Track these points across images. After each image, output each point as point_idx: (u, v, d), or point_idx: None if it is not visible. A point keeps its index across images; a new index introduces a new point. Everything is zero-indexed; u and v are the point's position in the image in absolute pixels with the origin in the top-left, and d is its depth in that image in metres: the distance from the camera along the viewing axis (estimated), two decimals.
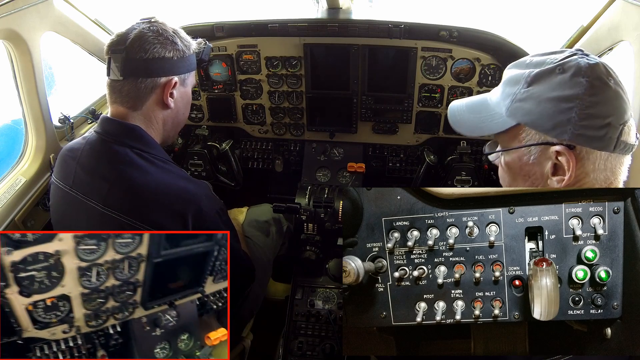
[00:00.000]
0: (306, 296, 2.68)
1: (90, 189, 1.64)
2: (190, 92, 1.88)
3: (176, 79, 1.73)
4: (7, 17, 1.89)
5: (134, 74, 1.65)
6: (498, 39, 2.45)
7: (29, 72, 2.11)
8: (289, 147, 3.05)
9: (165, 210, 1.60)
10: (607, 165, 1.11)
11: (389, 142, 2.90)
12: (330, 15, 2.65)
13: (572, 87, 1.07)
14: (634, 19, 1.79)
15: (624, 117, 1.08)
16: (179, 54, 1.72)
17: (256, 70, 2.75)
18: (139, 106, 1.70)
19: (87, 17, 2.47)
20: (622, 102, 1.08)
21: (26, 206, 2.17)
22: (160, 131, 1.80)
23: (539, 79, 1.12)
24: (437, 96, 2.66)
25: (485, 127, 1.25)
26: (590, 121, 1.06)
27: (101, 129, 1.71)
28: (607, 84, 1.07)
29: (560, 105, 1.08)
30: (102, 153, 1.67)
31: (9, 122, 2.61)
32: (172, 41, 1.70)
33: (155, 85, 1.69)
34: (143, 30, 1.66)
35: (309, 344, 2.50)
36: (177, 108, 1.80)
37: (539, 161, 1.15)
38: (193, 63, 1.82)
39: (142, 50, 1.64)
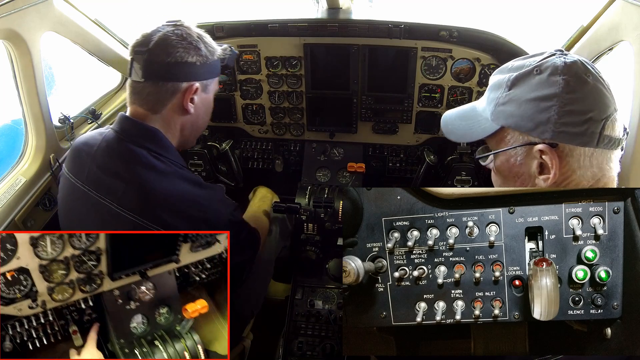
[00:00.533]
0: (306, 296, 2.68)
1: (104, 187, 1.63)
2: (211, 98, 1.86)
3: (197, 85, 1.71)
4: (7, 17, 1.89)
5: (155, 77, 1.64)
6: (498, 39, 2.45)
7: (29, 72, 2.11)
8: (289, 147, 3.06)
9: (179, 215, 1.60)
10: (593, 162, 1.12)
11: (389, 142, 2.90)
12: (330, 15, 2.65)
13: (549, 86, 1.10)
14: (634, 19, 1.79)
15: (606, 112, 1.09)
16: (202, 59, 1.70)
17: (256, 70, 2.75)
18: (158, 109, 1.69)
19: (87, 17, 2.47)
20: (602, 97, 1.10)
21: (26, 206, 2.17)
22: (178, 136, 1.78)
23: (518, 82, 1.15)
24: (437, 96, 2.66)
25: (474, 133, 1.28)
26: (570, 118, 1.08)
27: (120, 127, 1.69)
28: (584, 80, 1.09)
29: (540, 105, 1.11)
30: (119, 152, 1.65)
31: (9, 122, 2.62)
32: (196, 46, 1.69)
33: (176, 90, 1.68)
34: (167, 34, 1.65)
35: (309, 344, 2.50)
36: (197, 114, 1.78)
37: (525, 162, 1.18)
38: (216, 69, 1.81)
39: (165, 54, 1.62)
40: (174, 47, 1.63)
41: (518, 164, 1.19)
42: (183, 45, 1.65)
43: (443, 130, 1.41)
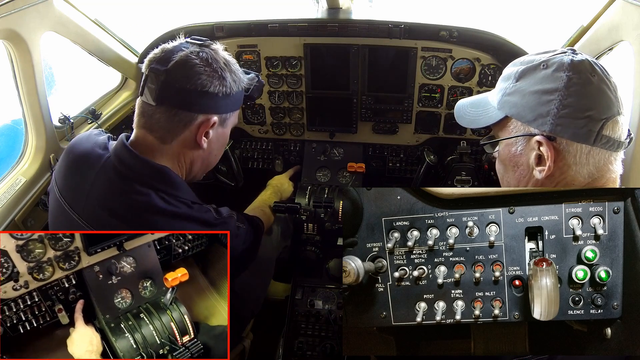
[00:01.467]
0: (306, 296, 2.68)
1: (103, 226, 1.46)
2: (228, 133, 1.67)
3: (215, 119, 1.53)
4: (7, 17, 1.89)
5: (170, 103, 1.46)
6: (498, 39, 2.45)
7: (29, 72, 2.11)
8: (289, 147, 3.06)
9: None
10: (590, 160, 1.14)
11: (389, 142, 2.90)
12: (330, 15, 2.65)
13: (553, 81, 1.14)
14: (634, 19, 1.79)
15: (608, 113, 1.11)
16: (226, 90, 1.51)
17: (256, 70, 2.74)
18: (168, 140, 1.51)
19: (87, 17, 2.47)
20: (605, 97, 1.12)
21: (26, 206, 2.17)
22: (187, 171, 1.62)
23: (525, 74, 1.21)
24: (437, 96, 2.66)
25: (482, 120, 1.34)
26: (570, 113, 1.12)
27: (122, 161, 1.48)
28: (588, 79, 1.12)
29: (542, 98, 1.15)
30: (123, 193, 1.45)
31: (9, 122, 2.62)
32: (221, 75, 1.50)
33: (190, 121, 1.49)
34: (190, 55, 1.46)
35: (309, 344, 2.50)
36: (210, 149, 1.61)
37: (524, 152, 1.22)
38: (239, 101, 1.63)
39: (185, 78, 1.44)
40: (197, 73, 1.44)
41: (518, 153, 1.24)
42: (207, 72, 1.46)
43: (455, 115, 1.48)
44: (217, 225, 1.57)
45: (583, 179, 1.16)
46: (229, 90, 1.53)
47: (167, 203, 1.46)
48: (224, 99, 1.52)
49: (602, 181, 1.17)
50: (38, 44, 2.11)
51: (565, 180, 1.17)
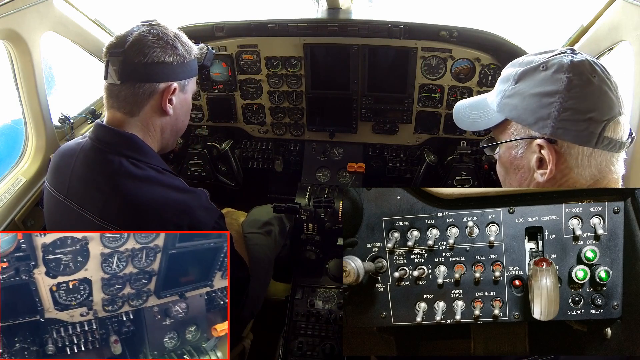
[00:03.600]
0: (306, 296, 2.67)
1: (85, 200, 1.60)
2: (190, 98, 1.82)
3: (176, 85, 1.67)
4: (7, 17, 1.89)
5: (132, 78, 1.60)
6: (498, 39, 2.45)
7: (29, 72, 2.11)
8: (289, 147, 3.06)
9: (161, 223, 1.57)
10: (592, 162, 1.13)
11: (389, 142, 2.90)
12: (330, 15, 2.65)
13: (553, 83, 1.12)
14: (634, 19, 1.79)
15: (609, 114, 1.10)
16: (180, 58, 1.67)
17: (256, 70, 2.75)
18: (136, 112, 1.65)
19: (87, 17, 2.47)
20: (606, 98, 1.10)
21: (26, 206, 2.17)
22: (158, 139, 1.74)
23: (525, 76, 1.18)
24: (437, 96, 2.66)
25: (481, 123, 1.32)
26: (571, 116, 1.10)
27: (95, 136, 1.65)
28: (589, 80, 1.10)
29: (542, 100, 1.13)
30: (96, 163, 1.61)
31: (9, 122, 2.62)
32: (173, 45, 1.65)
33: (153, 91, 1.64)
34: (143, 33, 1.61)
35: (309, 344, 2.50)
36: (176, 115, 1.74)
37: (525, 155, 1.20)
38: (194, 69, 1.77)
39: (141, 54, 1.58)
40: (150, 47, 1.59)
41: (519, 156, 1.22)
42: (159, 44, 1.61)
43: (454, 117, 1.46)
44: (190, 193, 1.66)
45: (585, 181, 1.15)
46: (182, 59, 1.68)
47: (138, 168, 1.59)
48: (179, 66, 1.67)
49: (604, 182, 1.16)
50: (38, 44, 2.11)
51: (567, 182, 1.16)
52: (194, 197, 1.66)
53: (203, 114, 2.92)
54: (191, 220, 1.60)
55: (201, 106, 2.89)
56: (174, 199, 1.60)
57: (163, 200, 1.59)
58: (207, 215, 1.66)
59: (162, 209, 1.57)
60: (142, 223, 1.55)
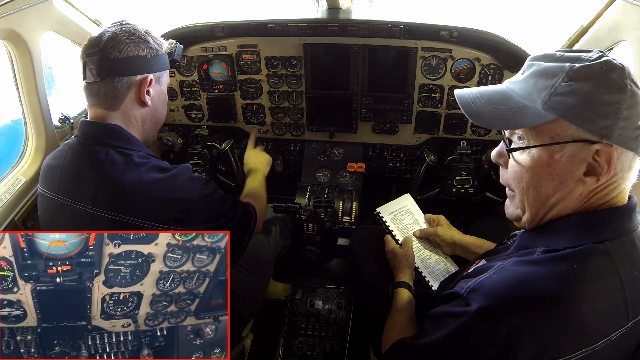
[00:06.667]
0: (306, 296, 2.68)
1: (76, 192, 1.65)
2: (165, 90, 1.91)
3: (152, 77, 1.76)
4: (7, 17, 1.89)
5: (110, 74, 1.68)
6: (498, 39, 2.45)
7: (29, 72, 2.11)
8: (289, 147, 3.06)
9: (153, 202, 1.63)
10: (625, 166, 1.13)
11: (389, 142, 2.90)
12: (330, 15, 2.65)
13: (619, 87, 1.07)
14: (634, 19, 1.79)
15: None
16: (152, 52, 1.76)
17: (256, 70, 2.75)
18: (117, 106, 1.73)
19: (87, 17, 2.47)
20: None
21: (26, 206, 2.17)
22: (140, 130, 1.82)
23: (583, 75, 1.09)
24: (437, 96, 2.66)
25: (517, 120, 1.16)
26: (629, 122, 1.08)
27: (81, 132, 1.72)
28: (638, 88, 1.10)
29: (606, 104, 1.07)
30: (84, 155, 1.68)
31: (9, 122, 2.62)
32: (145, 40, 1.74)
33: (131, 84, 1.72)
34: (115, 32, 1.69)
35: (309, 344, 2.51)
36: (155, 106, 1.83)
37: (571, 160, 1.11)
38: (166, 62, 1.86)
39: (117, 50, 1.67)
40: (125, 43, 1.68)
41: (563, 161, 1.12)
42: (132, 40, 1.70)
43: (465, 111, 1.26)
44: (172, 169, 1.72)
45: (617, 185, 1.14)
46: (155, 52, 1.77)
47: (123, 156, 1.66)
48: (153, 59, 1.77)
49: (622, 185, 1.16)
50: (38, 44, 2.11)
51: (607, 189, 1.14)
52: (179, 172, 1.74)
53: (203, 114, 2.92)
54: (179, 193, 1.68)
55: (201, 106, 2.89)
56: (161, 177, 1.68)
57: (151, 179, 1.65)
58: (193, 185, 1.75)
59: (151, 187, 1.64)
60: (133, 204, 1.60)
